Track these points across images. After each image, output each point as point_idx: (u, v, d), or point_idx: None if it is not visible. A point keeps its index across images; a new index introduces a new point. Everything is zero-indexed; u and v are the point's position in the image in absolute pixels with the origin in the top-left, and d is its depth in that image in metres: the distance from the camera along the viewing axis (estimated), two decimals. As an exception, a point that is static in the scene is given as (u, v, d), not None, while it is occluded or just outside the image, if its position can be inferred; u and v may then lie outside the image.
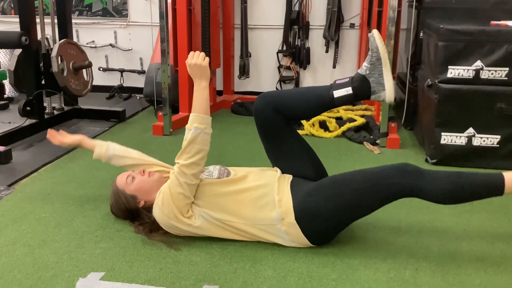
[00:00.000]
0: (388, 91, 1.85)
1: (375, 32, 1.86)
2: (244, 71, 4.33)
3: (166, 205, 1.83)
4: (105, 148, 2.19)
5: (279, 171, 1.98)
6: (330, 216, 1.79)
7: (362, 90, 1.86)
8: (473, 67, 2.69)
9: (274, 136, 1.98)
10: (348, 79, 1.89)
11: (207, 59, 1.88)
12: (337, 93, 1.87)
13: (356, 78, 1.88)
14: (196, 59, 1.87)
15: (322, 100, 1.89)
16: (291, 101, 1.94)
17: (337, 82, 1.90)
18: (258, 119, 1.97)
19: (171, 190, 1.82)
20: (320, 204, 1.79)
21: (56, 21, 3.68)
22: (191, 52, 1.91)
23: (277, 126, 1.95)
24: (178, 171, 1.82)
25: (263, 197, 1.85)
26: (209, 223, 1.86)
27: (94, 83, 3.79)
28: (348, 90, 1.86)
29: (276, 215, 1.82)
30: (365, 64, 1.88)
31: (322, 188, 1.83)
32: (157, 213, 1.87)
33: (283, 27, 4.29)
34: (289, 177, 1.93)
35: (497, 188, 1.73)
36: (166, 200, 1.83)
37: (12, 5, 4.80)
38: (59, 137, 2.27)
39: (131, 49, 4.68)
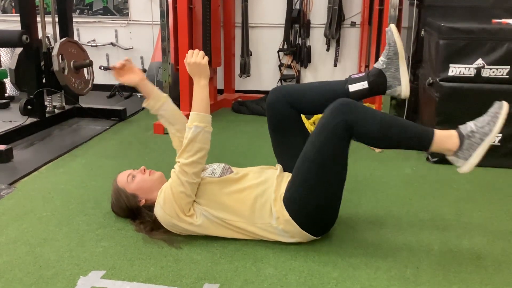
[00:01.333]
0: (404, 86, 1.84)
1: (392, 26, 1.85)
2: (245, 70, 4.33)
3: (168, 204, 1.83)
4: (159, 105, 2.05)
5: (279, 169, 1.98)
6: (311, 199, 1.79)
7: (378, 84, 1.86)
8: (474, 65, 2.69)
9: (283, 131, 1.97)
10: (364, 73, 1.89)
11: (206, 57, 1.88)
12: (353, 87, 1.86)
13: (373, 72, 1.87)
14: (195, 58, 1.86)
15: (337, 95, 1.85)
16: (306, 95, 1.94)
17: (352, 76, 1.90)
18: (270, 112, 1.97)
19: (173, 189, 1.82)
20: (298, 192, 1.80)
21: (57, 19, 3.67)
22: (190, 51, 1.90)
23: (288, 121, 1.95)
24: (179, 170, 1.82)
25: (261, 195, 1.85)
26: (211, 222, 1.86)
27: (95, 82, 3.78)
28: (364, 85, 1.86)
29: (272, 214, 1.82)
30: (381, 58, 1.87)
31: (293, 177, 1.83)
32: (159, 212, 1.87)
33: (284, 25, 4.28)
34: (288, 175, 1.93)
35: (424, 145, 1.74)
36: (168, 199, 1.83)
37: (13, 4, 4.80)
38: (116, 71, 2.02)
39: (132, 48, 4.68)
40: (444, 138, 1.73)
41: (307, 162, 1.79)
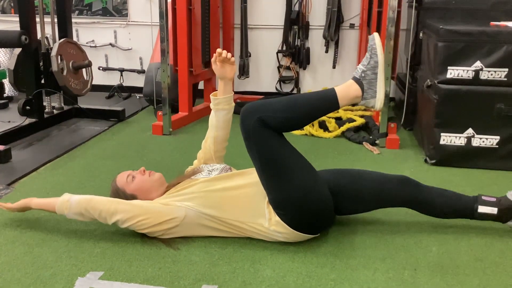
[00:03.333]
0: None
1: (376, 36, 1.85)
2: (244, 71, 4.33)
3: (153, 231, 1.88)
4: (227, 107, 2.16)
5: None
6: (288, 200, 1.80)
7: (507, 215, 1.94)
8: (473, 67, 2.69)
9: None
10: (496, 199, 1.97)
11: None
12: (482, 209, 1.95)
13: (505, 203, 1.94)
14: (14, 205, 2.05)
15: (463, 212, 1.99)
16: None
17: (483, 198, 1.98)
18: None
19: (150, 234, 1.89)
20: (274, 198, 1.82)
21: (56, 20, 3.67)
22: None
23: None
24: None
25: (255, 196, 1.86)
26: (198, 218, 1.86)
27: (93, 83, 3.78)
28: (494, 210, 1.94)
29: (265, 215, 1.83)
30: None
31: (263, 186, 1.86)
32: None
33: (283, 27, 4.29)
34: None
35: (332, 104, 1.81)
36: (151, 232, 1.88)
37: (12, 4, 4.80)
38: (221, 58, 2.08)
39: (131, 49, 4.68)
40: (346, 89, 1.80)
41: (261, 174, 1.83)
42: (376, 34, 1.83)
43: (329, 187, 1.88)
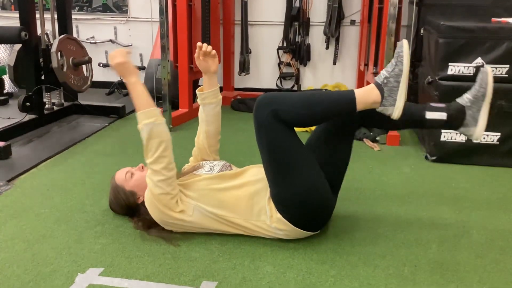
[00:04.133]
0: (479, 129, 1.84)
1: (489, 69, 1.84)
2: (244, 68, 4.33)
3: (152, 207, 1.85)
4: (214, 101, 2.11)
5: None
6: (291, 197, 1.79)
7: (456, 119, 1.86)
8: (474, 64, 2.69)
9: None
10: (445, 105, 1.89)
11: (128, 53, 1.86)
12: (430, 115, 1.87)
13: (455, 107, 1.87)
14: (118, 58, 1.84)
15: (413, 119, 1.88)
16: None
17: (432, 104, 1.90)
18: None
19: (152, 192, 1.84)
20: (277, 194, 1.81)
21: (56, 16, 3.67)
22: (110, 54, 1.88)
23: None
24: (149, 171, 1.83)
25: (258, 193, 1.85)
26: (204, 216, 1.86)
27: (93, 79, 3.78)
28: (443, 116, 1.86)
29: (266, 212, 1.83)
30: (467, 96, 1.86)
31: (268, 182, 1.85)
32: (151, 214, 1.88)
33: (283, 23, 4.28)
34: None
35: (349, 107, 1.76)
36: (151, 203, 1.85)
37: (12, 0, 4.79)
38: (202, 52, 2.05)
39: (131, 45, 4.67)
40: (365, 94, 1.75)
41: (267, 168, 1.82)
42: (405, 42, 1.75)
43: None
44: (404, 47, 1.74)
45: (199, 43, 2.04)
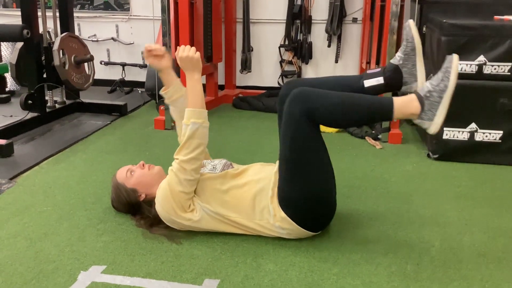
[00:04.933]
0: (420, 83, 1.81)
1: (411, 22, 1.82)
2: (246, 66, 4.32)
3: (166, 202, 1.84)
4: (177, 96, 2.08)
5: (276, 165, 1.97)
6: (299, 196, 1.78)
7: (394, 80, 1.83)
8: (476, 62, 2.68)
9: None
10: (380, 69, 1.86)
11: (198, 52, 1.87)
12: (368, 83, 1.83)
13: (389, 68, 1.85)
14: (187, 52, 1.86)
15: (353, 90, 1.82)
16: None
17: (368, 71, 1.88)
18: (282, 105, 1.87)
19: (171, 188, 1.82)
20: (286, 191, 1.80)
21: (57, 14, 3.66)
22: (181, 46, 1.89)
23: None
24: (177, 167, 1.81)
25: (260, 192, 1.85)
26: (210, 217, 1.86)
27: (95, 77, 3.78)
28: (379, 80, 1.83)
29: (270, 211, 1.82)
30: (398, 54, 1.85)
31: (279, 177, 1.83)
32: (158, 208, 1.87)
33: (285, 21, 4.27)
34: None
35: (386, 115, 1.73)
36: (166, 197, 1.83)
37: (13, -2, 4.79)
38: (147, 52, 2.02)
39: (132, 43, 4.67)
40: (405, 104, 1.71)
41: (284, 162, 1.80)
42: (455, 56, 1.69)
43: None
44: (454, 62, 1.67)
45: (147, 45, 2.01)
